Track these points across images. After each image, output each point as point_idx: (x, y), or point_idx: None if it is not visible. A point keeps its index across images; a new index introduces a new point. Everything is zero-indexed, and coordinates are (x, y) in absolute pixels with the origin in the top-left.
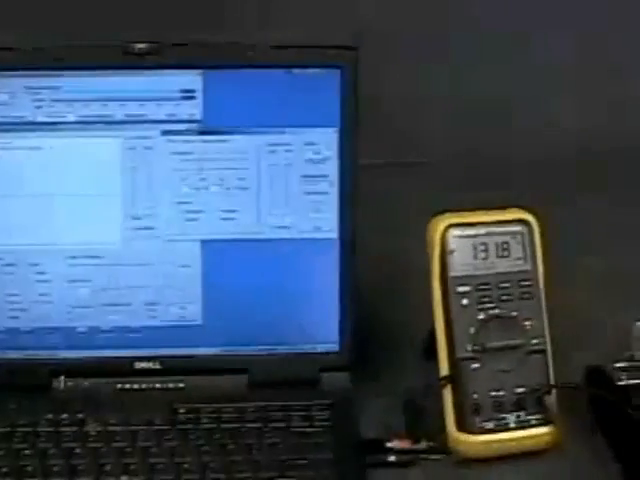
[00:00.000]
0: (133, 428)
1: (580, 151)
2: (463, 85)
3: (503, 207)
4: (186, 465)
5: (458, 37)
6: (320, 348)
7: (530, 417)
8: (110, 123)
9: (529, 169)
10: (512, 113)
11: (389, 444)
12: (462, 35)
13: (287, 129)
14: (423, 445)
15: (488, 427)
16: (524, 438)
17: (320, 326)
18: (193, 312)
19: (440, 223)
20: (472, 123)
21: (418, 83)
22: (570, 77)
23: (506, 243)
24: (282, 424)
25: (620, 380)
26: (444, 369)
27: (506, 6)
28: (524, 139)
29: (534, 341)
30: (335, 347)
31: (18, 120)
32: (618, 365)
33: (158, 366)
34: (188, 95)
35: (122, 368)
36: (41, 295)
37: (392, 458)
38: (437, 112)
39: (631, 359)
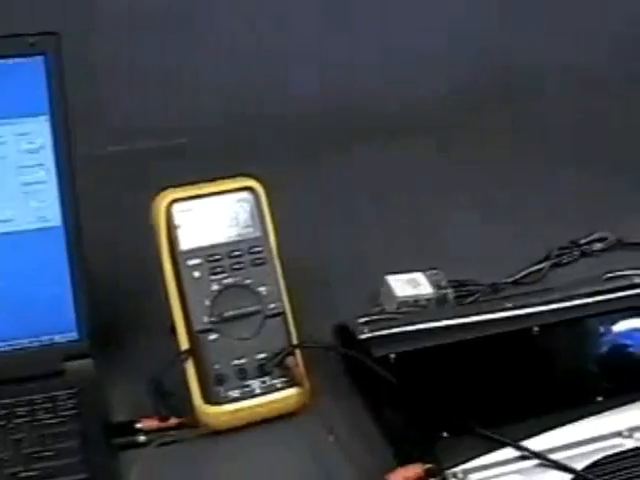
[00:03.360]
0: None
1: None
2: None
3: (228, 177)
4: None
5: None
6: (60, 338)
7: (275, 381)
8: None
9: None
10: None
11: (138, 425)
12: None
13: None
14: (172, 422)
15: (234, 396)
16: (271, 403)
17: (57, 316)
18: None
19: (164, 199)
20: None
21: None
22: None
23: (233, 212)
24: (27, 419)
25: (362, 334)
26: (184, 343)
27: None
28: None
29: (271, 306)
30: (74, 335)
31: None
32: (361, 320)
33: None
34: None
35: None
36: None
37: (142, 438)
38: None
39: (382, 312)
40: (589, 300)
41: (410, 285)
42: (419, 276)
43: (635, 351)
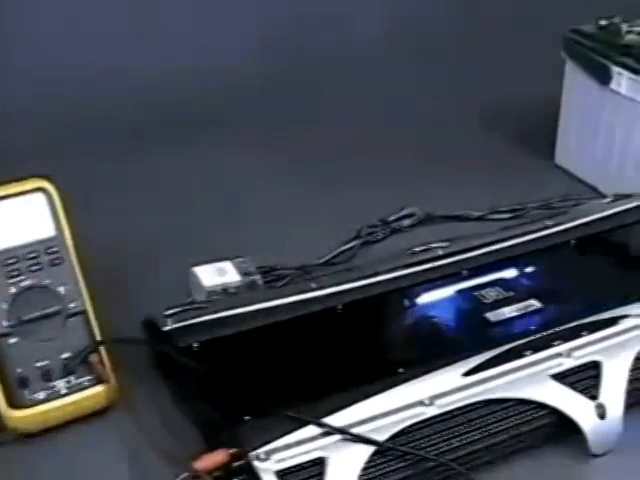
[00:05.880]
0: None
1: None
2: None
3: (18, 179)
4: None
5: None
6: None
7: (81, 380)
8: None
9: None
10: None
11: None
12: None
13: None
14: None
15: (39, 398)
16: (78, 401)
17: None
18: None
19: None
20: None
21: None
22: None
23: (27, 214)
24: None
25: (166, 326)
26: None
27: None
28: None
29: (71, 305)
30: None
31: None
32: (167, 312)
33: None
34: None
35: None
36: None
37: None
38: None
39: (191, 303)
40: (391, 275)
41: (217, 274)
42: (226, 265)
43: (439, 321)
